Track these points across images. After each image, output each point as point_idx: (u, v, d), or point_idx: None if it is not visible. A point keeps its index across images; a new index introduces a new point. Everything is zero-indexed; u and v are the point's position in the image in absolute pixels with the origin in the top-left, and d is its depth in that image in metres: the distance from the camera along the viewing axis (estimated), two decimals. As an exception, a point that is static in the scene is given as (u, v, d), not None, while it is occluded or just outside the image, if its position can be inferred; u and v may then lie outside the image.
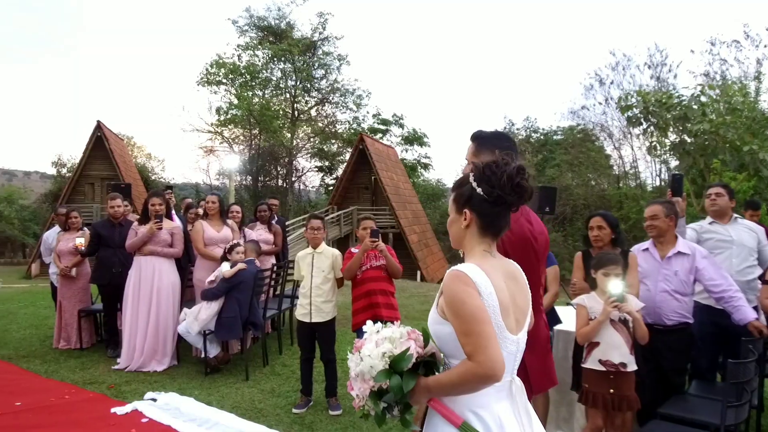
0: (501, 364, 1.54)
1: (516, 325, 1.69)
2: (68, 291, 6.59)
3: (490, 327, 1.56)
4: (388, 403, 1.64)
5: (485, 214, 1.70)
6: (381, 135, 32.90)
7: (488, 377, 1.53)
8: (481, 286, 1.60)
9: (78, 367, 5.68)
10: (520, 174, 1.66)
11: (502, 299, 1.63)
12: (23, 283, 16.66)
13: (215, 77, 30.70)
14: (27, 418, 4.16)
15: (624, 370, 3.14)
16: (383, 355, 1.64)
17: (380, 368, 1.63)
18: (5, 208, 30.46)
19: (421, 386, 1.63)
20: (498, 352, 1.54)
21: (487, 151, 2.29)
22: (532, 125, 34.51)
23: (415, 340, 1.67)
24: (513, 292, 1.70)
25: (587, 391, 3.26)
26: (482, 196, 1.68)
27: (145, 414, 4.28)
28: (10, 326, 7.82)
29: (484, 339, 1.53)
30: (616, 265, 3.19)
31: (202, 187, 35.03)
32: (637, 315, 3.16)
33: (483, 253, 1.71)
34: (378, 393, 1.64)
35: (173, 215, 6.39)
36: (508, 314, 1.65)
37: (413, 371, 1.64)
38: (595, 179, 30.17)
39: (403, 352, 1.63)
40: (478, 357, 1.53)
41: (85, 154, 24.08)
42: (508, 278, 1.71)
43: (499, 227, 1.73)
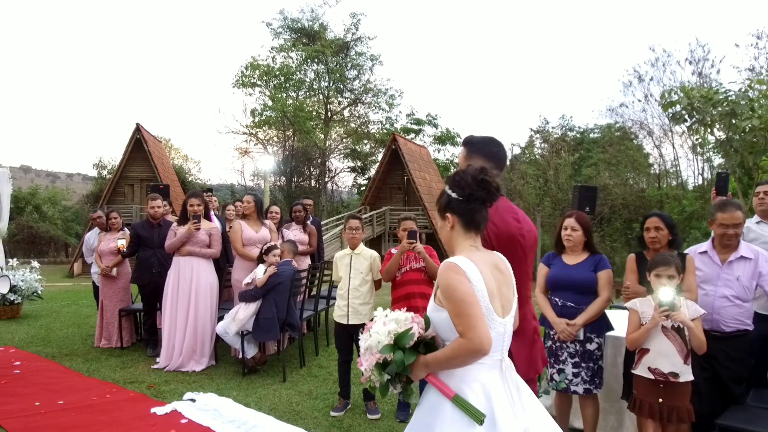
0: (488, 340, 1.78)
1: (502, 310, 1.92)
2: (109, 290, 6.70)
3: (479, 309, 1.80)
4: (391, 374, 1.88)
5: (463, 212, 1.97)
6: (414, 135, 32.75)
7: (477, 351, 1.77)
8: (470, 274, 1.83)
9: (119, 366, 5.75)
10: (482, 172, 1.95)
11: (489, 286, 1.86)
12: (66, 282, 17.13)
13: (250, 79, 31.05)
14: (69, 417, 4.20)
15: (674, 380, 2.96)
16: (389, 333, 1.90)
17: (386, 343, 1.89)
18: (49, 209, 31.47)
19: (420, 362, 1.87)
20: (486, 330, 1.78)
21: (478, 156, 2.40)
22: (567, 123, 33.84)
23: (418, 323, 1.93)
24: (498, 281, 1.94)
25: (636, 398, 3.11)
26: (457, 198, 1.97)
27: (185, 415, 4.28)
28: (54, 324, 8.01)
29: (473, 319, 1.78)
30: (667, 266, 3.01)
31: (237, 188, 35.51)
32: (691, 324, 2.97)
33: (470, 247, 1.96)
34: (383, 365, 1.89)
35: (212, 216, 6.42)
36: (494, 299, 1.88)
37: (414, 348, 1.88)
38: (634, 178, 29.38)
39: (406, 331, 1.89)
40: (468, 334, 1.77)
41: (124, 156, 24.62)
42: (493, 269, 1.95)
43: (477, 222, 1.98)
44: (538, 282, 3.79)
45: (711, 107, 12.50)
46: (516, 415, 1.84)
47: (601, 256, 3.60)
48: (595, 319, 3.49)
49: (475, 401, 1.79)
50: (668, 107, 13.85)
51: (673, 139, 27.98)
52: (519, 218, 2.40)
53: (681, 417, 2.98)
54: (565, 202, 26.86)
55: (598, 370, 3.54)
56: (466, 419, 1.77)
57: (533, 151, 34.02)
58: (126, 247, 6.48)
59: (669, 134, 28.07)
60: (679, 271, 3.03)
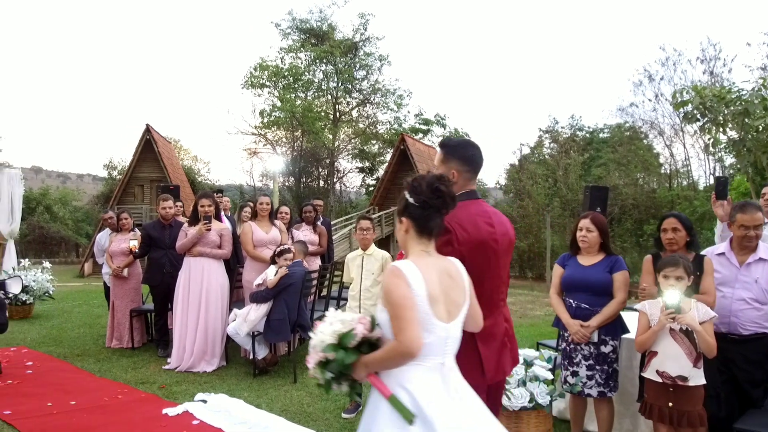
0: (418, 343, 1.83)
1: (447, 315, 1.94)
2: (120, 291, 6.72)
3: (412, 313, 1.84)
4: (333, 372, 1.94)
5: (417, 218, 2.01)
6: (422, 135, 32.72)
7: (407, 354, 1.83)
8: (410, 279, 1.87)
9: (130, 367, 5.76)
10: (438, 181, 2.00)
11: (431, 291, 1.89)
12: (77, 282, 17.25)
13: (259, 80, 31.16)
14: (81, 418, 4.21)
15: (683, 383, 2.91)
16: (333, 333, 1.95)
17: (329, 342, 1.94)
18: (60, 210, 31.75)
19: (361, 361, 1.93)
20: (416, 334, 1.83)
21: (453, 159, 2.42)
22: (577, 123, 33.68)
23: (363, 324, 1.95)
24: (447, 286, 1.96)
25: (647, 402, 3.07)
26: (413, 203, 2.01)
27: (196, 416, 4.28)
28: (65, 325, 8.05)
29: (406, 322, 1.82)
30: (674, 267, 2.96)
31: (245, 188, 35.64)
32: (699, 327, 2.90)
33: (420, 252, 2.01)
34: (325, 363, 1.95)
35: (222, 217, 6.43)
36: (437, 304, 1.91)
37: (357, 348, 1.93)
38: (644, 178, 29.18)
39: (349, 331, 1.93)
40: (399, 336, 1.83)
41: (134, 156, 24.79)
42: (442, 274, 1.97)
43: (431, 229, 2.02)
44: (553, 282, 3.75)
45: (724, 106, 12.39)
46: (454, 418, 1.87)
47: (617, 257, 3.55)
48: (610, 321, 3.45)
49: (409, 402, 1.85)
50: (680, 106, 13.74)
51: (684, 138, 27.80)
52: (493, 223, 2.39)
53: (692, 422, 2.93)
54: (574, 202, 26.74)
55: (612, 373, 3.49)
56: (400, 419, 1.83)
57: (542, 151, 33.89)
58: (138, 247, 6.50)
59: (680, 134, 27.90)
60: (688, 272, 2.98)
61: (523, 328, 8.22)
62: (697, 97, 12.89)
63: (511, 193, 32.99)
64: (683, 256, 3.11)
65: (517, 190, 30.93)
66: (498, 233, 2.38)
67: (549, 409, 3.35)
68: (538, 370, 3.41)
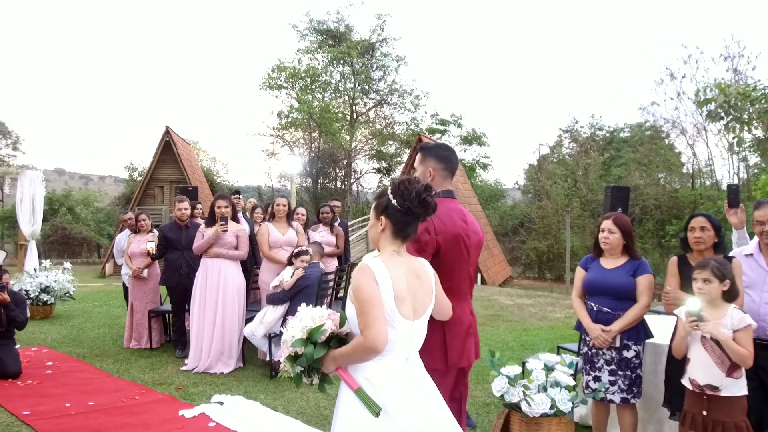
0: (383, 340, 1.91)
1: (413, 313, 2.04)
2: (139, 292, 6.76)
3: (378, 310, 1.92)
4: (302, 366, 2.04)
5: (397, 221, 2.08)
6: (439, 135, 32.52)
7: (371, 349, 1.92)
8: (378, 277, 1.96)
9: (148, 368, 5.78)
10: (426, 191, 2.07)
11: (398, 290, 1.98)
12: (98, 282, 17.46)
13: (276, 81, 31.28)
14: (98, 419, 4.23)
15: (713, 393, 2.79)
16: (303, 328, 2.04)
17: (298, 337, 2.03)
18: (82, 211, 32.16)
19: (329, 356, 2.03)
20: (381, 331, 1.91)
21: (431, 159, 2.66)
22: (597, 123, 33.20)
23: (333, 320, 2.07)
24: (414, 286, 2.06)
25: (684, 410, 2.96)
26: (396, 206, 2.07)
27: (212, 418, 4.27)
28: (85, 325, 8.13)
29: (371, 318, 1.91)
30: (702, 269, 2.83)
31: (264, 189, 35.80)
32: (724, 336, 2.73)
33: (392, 252, 2.09)
34: (294, 357, 2.05)
35: (240, 218, 6.42)
36: (403, 303, 1.99)
37: (326, 343, 2.03)
38: (666, 178, 28.66)
39: (318, 326, 2.03)
40: (365, 333, 1.92)
41: (154, 158, 24.99)
42: (410, 275, 2.07)
43: (407, 233, 2.10)
44: (575, 285, 3.66)
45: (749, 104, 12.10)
46: (415, 411, 1.97)
47: (641, 260, 3.44)
48: (633, 325, 3.35)
49: (374, 395, 1.95)
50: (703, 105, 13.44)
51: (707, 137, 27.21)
52: (467, 220, 2.60)
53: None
54: (595, 202, 26.39)
55: (636, 378, 3.39)
56: (366, 411, 1.93)
57: (561, 151, 33.51)
58: (155, 249, 6.53)
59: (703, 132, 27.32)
60: (717, 275, 2.82)
61: (543, 331, 8.09)
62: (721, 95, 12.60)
63: (530, 194, 32.67)
64: (718, 258, 2.96)
65: (536, 191, 30.62)
66: (470, 230, 2.59)
67: (571, 416, 3.26)
68: (559, 376, 3.32)
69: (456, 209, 2.59)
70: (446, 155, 2.68)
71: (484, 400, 4.77)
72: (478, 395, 4.93)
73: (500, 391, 3.34)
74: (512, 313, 9.73)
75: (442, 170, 2.64)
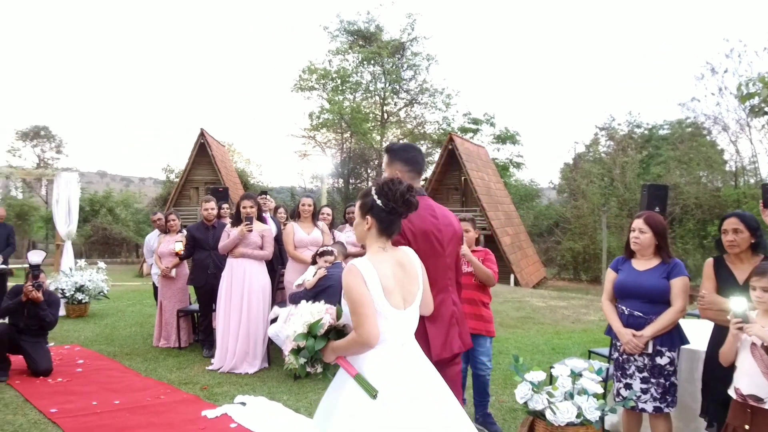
0: (375, 335, 2.08)
1: (403, 302, 2.20)
2: (168, 291, 6.84)
3: (369, 309, 2.09)
4: (305, 358, 2.21)
5: (382, 220, 2.23)
6: (472, 134, 32.21)
7: (365, 344, 2.10)
8: (366, 276, 2.11)
9: (175, 367, 5.83)
10: (409, 192, 2.22)
11: (386, 284, 2.14)
12: (135, 281, 17.86)
13: (307, 83, 31.50)
14: (124, 418, 4.26)
15: (757, 404, 2.58)
16: (304, 323, 2.22)
17: (300, 332, 2.21)
18: (122, 212, 33.06)
19: (329, 347, 2.20)
20: (373, 328, 2.08)
21: (397, 161, 2.76)
22: (635, 120, 32.31)
23: (330, 315, 2.23)
24: (400, 277, 2.21)
25: (726, 422, 2.77)
26: (381, 206, 2.21)
27: (234, 419, 4.26)
28: (118, 323, 8.28)
29: (363, 318, 2.08)
30: (760, 276, 2.63)
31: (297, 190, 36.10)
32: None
33: (377, 249, 2.24)
34: (297, 351, 2.23)
35: (267, 218, 6.43)
36: (392, 295, 2.15)
37: (325, 336, 2.20)
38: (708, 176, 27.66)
39: (317, 321, 2.20)
40: (358, 330, 2.10)
41: (189, 160, 25.45)
42: (396, 267, 2.22)
43: (392, 231, 2.26)
44: (605, 288, 3.50)
45: (796, 98, 11.53)
46: (412, 395, 2.11)
47: (675, 261, 3.25)
48: (666, 330, 3.17)
49: (372, 379, 2.09)
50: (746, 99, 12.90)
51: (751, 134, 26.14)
52: (436, 215, 2.71)
53: None
54: (632, 202, 25.65)
55: (670, 386, 3.21)
56: (364, 394, 2.07)
57: (598, 150, 32.72)
58: (182, 249, 6.59)
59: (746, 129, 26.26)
60: None
61: (576, 334, 7.85)
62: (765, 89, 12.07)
63: (565, 193, 32.02)
64: None
65: (572, 190, 29.98)
66: (441, 224, 2.70)
67: (599, 425, 3.11)
68: (586, 383, 3.16)
69: (426, 206, 2.69)
70: (412, 156, 2.78)
71: (512, 405, 4.63)
72: (505, 400, 4.80)
73: (524, 398, 3.21)
74: (544, 316, 9.50)
75: (408, 172, 2.73)
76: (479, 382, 4.18)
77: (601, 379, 3.32)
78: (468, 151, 24.14)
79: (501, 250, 21.28)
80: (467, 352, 4.15)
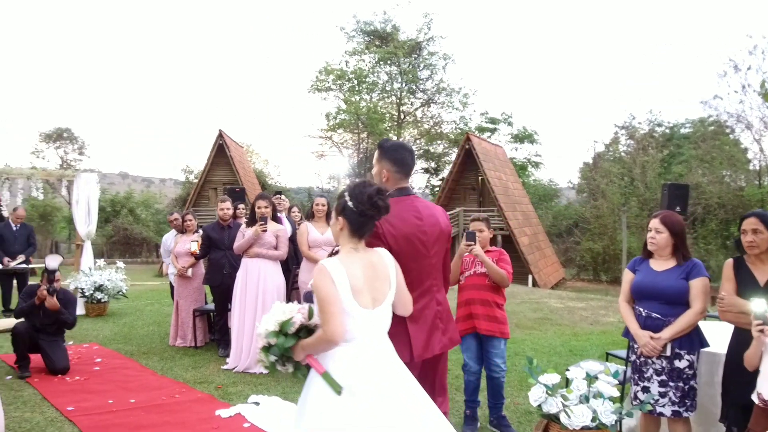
0: (340, 333, 2.13)
1: (372, 302, 2.24)
2: (184, 291, 6.89)
3: (335, 307, 2.14)
4: (276, 355, 2.25)
5: (353, 221, 2.29)
6: (489, 134, 32.02)
7: (330, 342, 2.15)
8: (335, 276, 2.16)
9: (191, 366, 5.86)
10: (377, 194, 2.27)
11: (354, 284, 2.19)
12: (155, 281, 18.07)
13: (324, 84, 31.59)
14: (138, 416, 4.29)
15: None
16: (276, 322, 2.25)
17: (271, 330, 2.25)
18: (142, 212, 33.51)
19: (299, 345, 2.24)
20: (338, 327, 2.13)
21: (386, 159, 2.73)
22: (655, 119, 31.81)
23: (302, 314, 2.27)
24: (371, 277, 2.26)
25: (748, 428, 2.69)
26: (351, 208, 2.27)
27: (248, 418, 4.26)
28: (136, 323, 8.37)
29: (328, 315, 2.13)
30: None
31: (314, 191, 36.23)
32: None
33: (349, 249, 2.30)
34: (268, 348, 2.26)
35: (281, 218, 6.43)
36: (361, 294, 2.20)
37: (296, 334, 2.25)
38: (731, 175, 27.11)
39: (288, 319, 2.25)
40: (324, 327, 2.16)
41: (208, 161, 25.73)
42: (367, 267, 2.26)
43: (363, 232, 2.31)
44: (623, 289, 3.43)
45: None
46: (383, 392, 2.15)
47: (695, 261, 3.17)
48: (685, 333, 3.09)
49: (340, 377, 2.14)
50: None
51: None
52: (421, 216, 2.66)
53: None
54: (653, 201, 25.25)
55: (689, 390, 3.13)
56: (330, 391, 2.13)
57: (618, 149, 32.29)
58: (198, 249, 6.63)
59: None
60: None
61: (594, 336, 7.73)
62: (791, 86, 11.79)
63: (584, 193, 31.66)
64: None
65: (591, 190, 29.62)
66: (426, 225, 2.66)
67: (614, 429, 3.04)
68: (602, 386, 3.10)
69: (410, 207, 2.67)
70: (401, 157, 2.74)
71: (527, 408, 4.56)
72: (520, 402, 4.73)
73: (537, 401, 3.15)
74: (562, 317, 9.38)
75: (395, 172, 2.72)
76: (493, 384, 4.13)
77: (617, 383, 3.25)
78: (485, 150, 24.00)
79: (519, 251, 21.11)
80: (481, 354, 4.11)
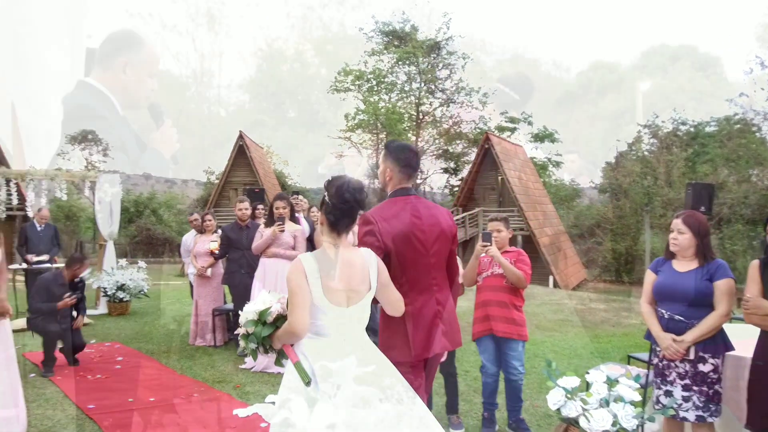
0: (303, 326, 2.20)
1: (346, 300, 2.27)
2: (203, 290, 6.94)
3: (301, 300, 2.19)
4: (254, 343, 2.36)
5: (328, 216, 2.35)
6: (509, 133, 31.76)
7: (293, 333, 2.22)
8: (308, 270, 2.22)
9: (210, 365, 5.90)
10: (344, 187, 2.33)
11: (326, 281, 2.23)
12: (177, 280, 18.28)
13: (343, 84, 31.64)
14: (158, 415, 4.33)
15: None
16: (255, 311, 2.37)
17: (250, 318, 2.37)
18: (165, 213, 33.95)
19: (275, 334, 2.32)
20: (300, 318, 2.19)
21: (390, 160, 2.82)
22: (680, 117, 31.22)
23: (281, 304, 2.37)
24: (347, 275, 2.28)
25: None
26: (327, 202, 2.35)
27: (265, 418, 4.27)
28: (157, 322, 8.47)
29: (294, 307, 2.21)
30: None
31: (333, 191, 36.31)
32: None
33: (328, 245, 2.34)
34: (247, 336, 2.38)
35: (300, 218, 6.45)
36: (333, 292, 2.23)
37: (273, 324, 2.33)
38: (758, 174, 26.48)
39: (266, 309, 2.35)
40: (289, 318, 2.24)
41: (229, 162, 25.98)
42: (344, 265, 2.29)
43: (340, 228, 2.34)
44: (644, 290, 3.35)
45: None
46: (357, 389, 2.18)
47: (719, 262, 3.08)
48: (709, 336, 3.01)
49: (308, 368, 2.20)
50: (800, 93, 12.28)
51: (805, 129, 24.94)
52: (420, 215, 2.70)
53: None
54: (677, 201, 24.79)
55: (713, 395, 3.05)
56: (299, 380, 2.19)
57: (641, 148, 31.77)
58: (217, 249, 6.68)
59: (800, 124, 25.07)
60: None
61: (615, 338, 7.61)
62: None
63: (607, 193, 31.21)
64: None
65: (613, 189, 29.20)
66: (425, 224, 2.69)
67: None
68: (623, 390, 3.03)
69: (409, 206, 2.71)
70: (405, 158, 2.80)
71: (546, 411, 4.49)
72: (539, 405, 4.66)
73: (556, 405, 3.10)
74: (583, 319, 9.25)
75: (399, 172, 2.78)
76: (511, 387, 4.07)
77: (639, 386, 3.18)
78: (505, 150, 23.82)
79: (539, 251, 20.90)
80: (499, 356, 4.06)
